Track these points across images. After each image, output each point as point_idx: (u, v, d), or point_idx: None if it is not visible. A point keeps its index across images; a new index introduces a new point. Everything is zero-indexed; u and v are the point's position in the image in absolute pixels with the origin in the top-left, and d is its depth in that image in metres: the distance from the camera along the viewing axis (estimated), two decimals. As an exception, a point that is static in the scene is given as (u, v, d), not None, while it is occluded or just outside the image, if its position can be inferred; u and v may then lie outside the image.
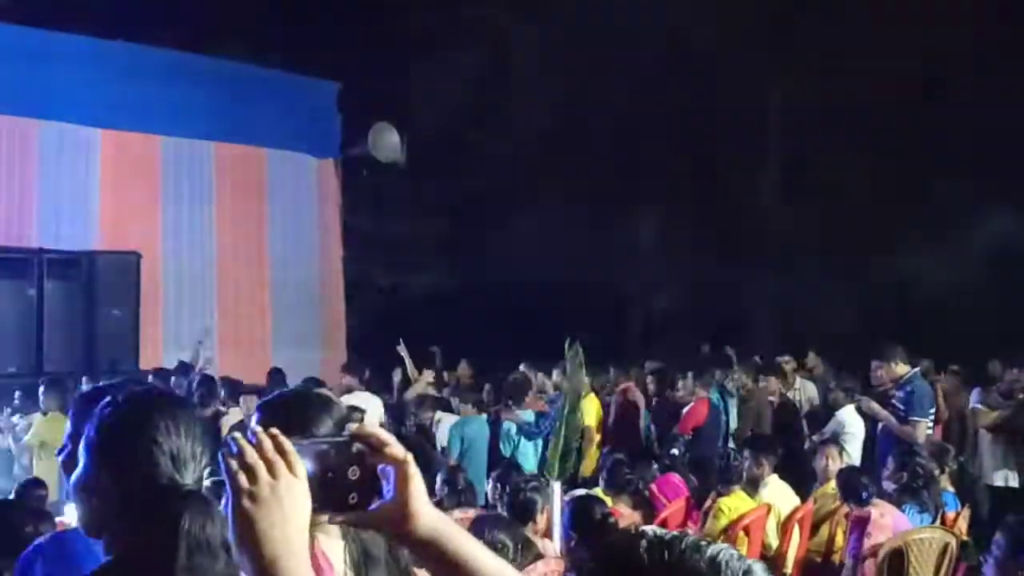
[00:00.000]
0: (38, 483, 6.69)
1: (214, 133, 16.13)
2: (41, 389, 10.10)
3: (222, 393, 10.38)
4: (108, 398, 2.02)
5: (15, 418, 10.36)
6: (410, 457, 1.45)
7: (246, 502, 1.30)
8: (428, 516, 1.45)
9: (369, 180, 16.98)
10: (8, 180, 14.36)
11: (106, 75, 14.82)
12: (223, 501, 1.38)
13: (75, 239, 14.38)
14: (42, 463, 8.68)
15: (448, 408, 10.08)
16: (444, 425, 9.59)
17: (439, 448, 9.26)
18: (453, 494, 7.13)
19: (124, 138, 15.43)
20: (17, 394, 10.85)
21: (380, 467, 1.43)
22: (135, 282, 14.35)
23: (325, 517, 1.47)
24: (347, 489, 1.41)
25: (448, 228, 16.03)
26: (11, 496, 6.45)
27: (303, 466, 1.35)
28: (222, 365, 12.34)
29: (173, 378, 11.52)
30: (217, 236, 16.33)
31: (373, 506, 1.43)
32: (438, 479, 7.33)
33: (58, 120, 14.75)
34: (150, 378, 11.53)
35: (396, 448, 1.44)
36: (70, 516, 3.79)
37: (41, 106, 14.51)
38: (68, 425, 2.40)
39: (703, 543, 1.27)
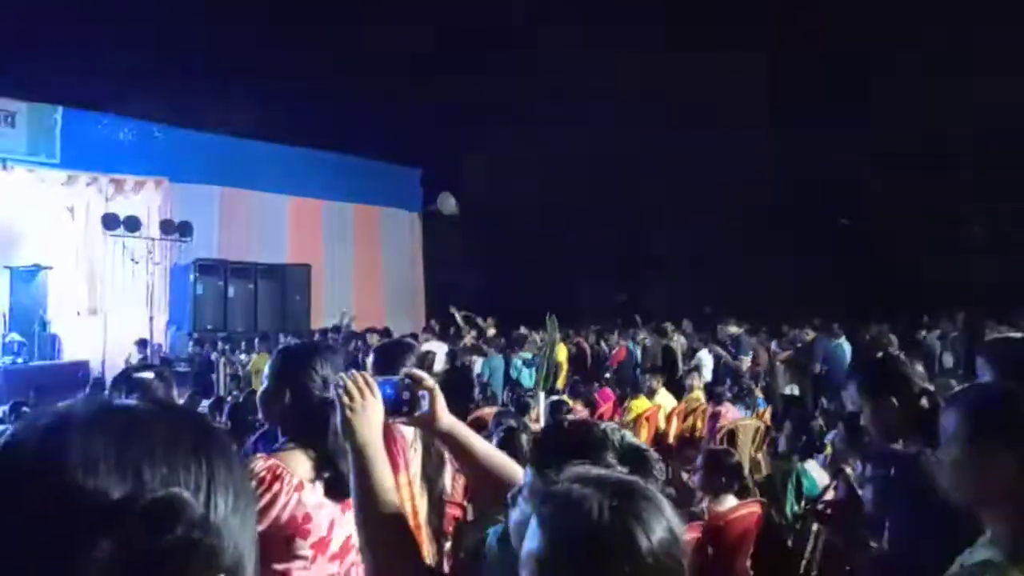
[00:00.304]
0: (254, 392, 6.67)
1: (351, 198, 16.11)
2: (256, 340, 10.20)
3: (358, 342, 10.38)
4: (285, 344, 1.99)
5: (243, 356, 10.42)
6: (436, 386, 1.42)
7: (348, 413, 1.30)
8: (447, 419, 1.43)
9: (438, 226, 16.97)
10: (237, 225, 14.37)
11: (290, 165, 14.86)
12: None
13: (274, 257, 14.40)
14: (256, 381, 8.71)
15: (481, 352, 10.06)
16: (479, 362, 9.57)
17: (476, 375, 9.25)
18: (484, 399, 7.14)
19: (301, 202, 15.43)
20: (243, 343, 10.93)
21: (420, 392, 1.41)
22: (307, 282, 14.40)
23: (390, 420, 1.46)
24: (402, 404, 1.38)
25: (484, 253, 15.90)
26: (240, 399, 6.47)
27: (379, 392, 1.33)
28: (355, 328, 12.31)
29: (329, 334, 11.53)
30: (354, 256, 16.32)
31: (416, 414, 1.41)
32: (475, 391, 7.33)
33: (264, 191, 14.77)
34: (315, 335, 11.57)
35: (428, 381, 1.41)
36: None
37: (258, 183, 14.55)
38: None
39: (601, 423, 1.29)
